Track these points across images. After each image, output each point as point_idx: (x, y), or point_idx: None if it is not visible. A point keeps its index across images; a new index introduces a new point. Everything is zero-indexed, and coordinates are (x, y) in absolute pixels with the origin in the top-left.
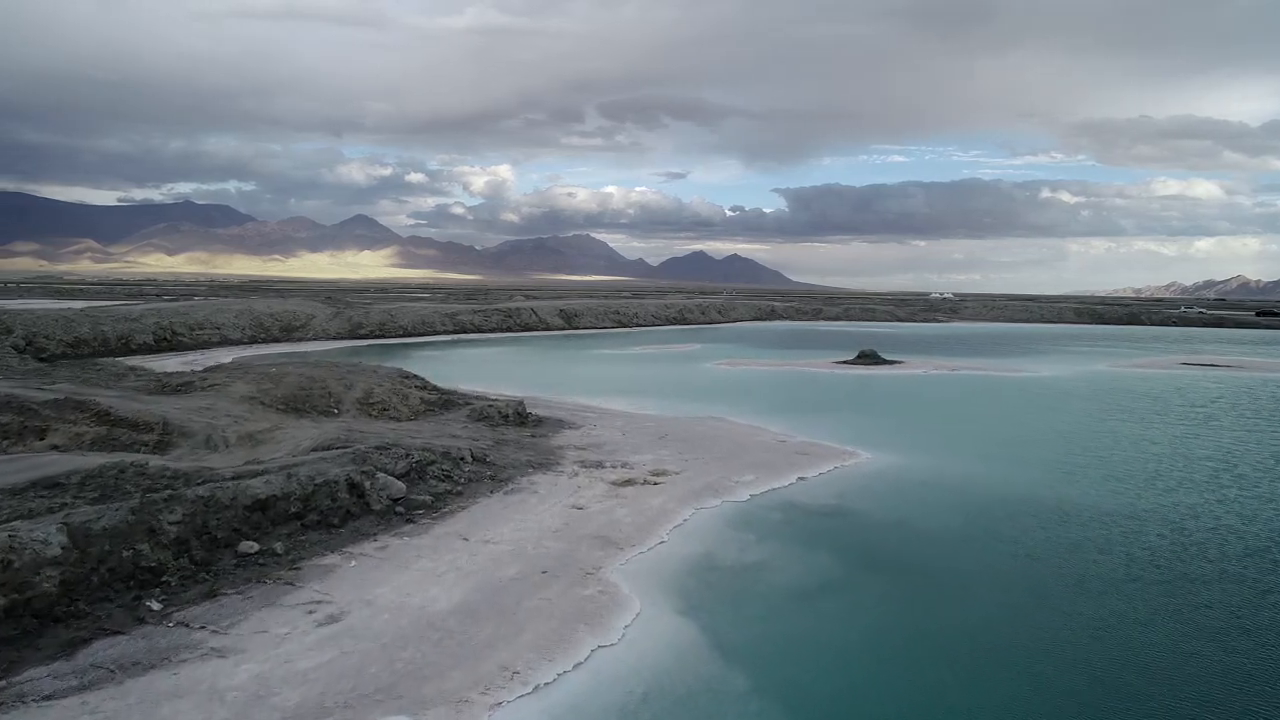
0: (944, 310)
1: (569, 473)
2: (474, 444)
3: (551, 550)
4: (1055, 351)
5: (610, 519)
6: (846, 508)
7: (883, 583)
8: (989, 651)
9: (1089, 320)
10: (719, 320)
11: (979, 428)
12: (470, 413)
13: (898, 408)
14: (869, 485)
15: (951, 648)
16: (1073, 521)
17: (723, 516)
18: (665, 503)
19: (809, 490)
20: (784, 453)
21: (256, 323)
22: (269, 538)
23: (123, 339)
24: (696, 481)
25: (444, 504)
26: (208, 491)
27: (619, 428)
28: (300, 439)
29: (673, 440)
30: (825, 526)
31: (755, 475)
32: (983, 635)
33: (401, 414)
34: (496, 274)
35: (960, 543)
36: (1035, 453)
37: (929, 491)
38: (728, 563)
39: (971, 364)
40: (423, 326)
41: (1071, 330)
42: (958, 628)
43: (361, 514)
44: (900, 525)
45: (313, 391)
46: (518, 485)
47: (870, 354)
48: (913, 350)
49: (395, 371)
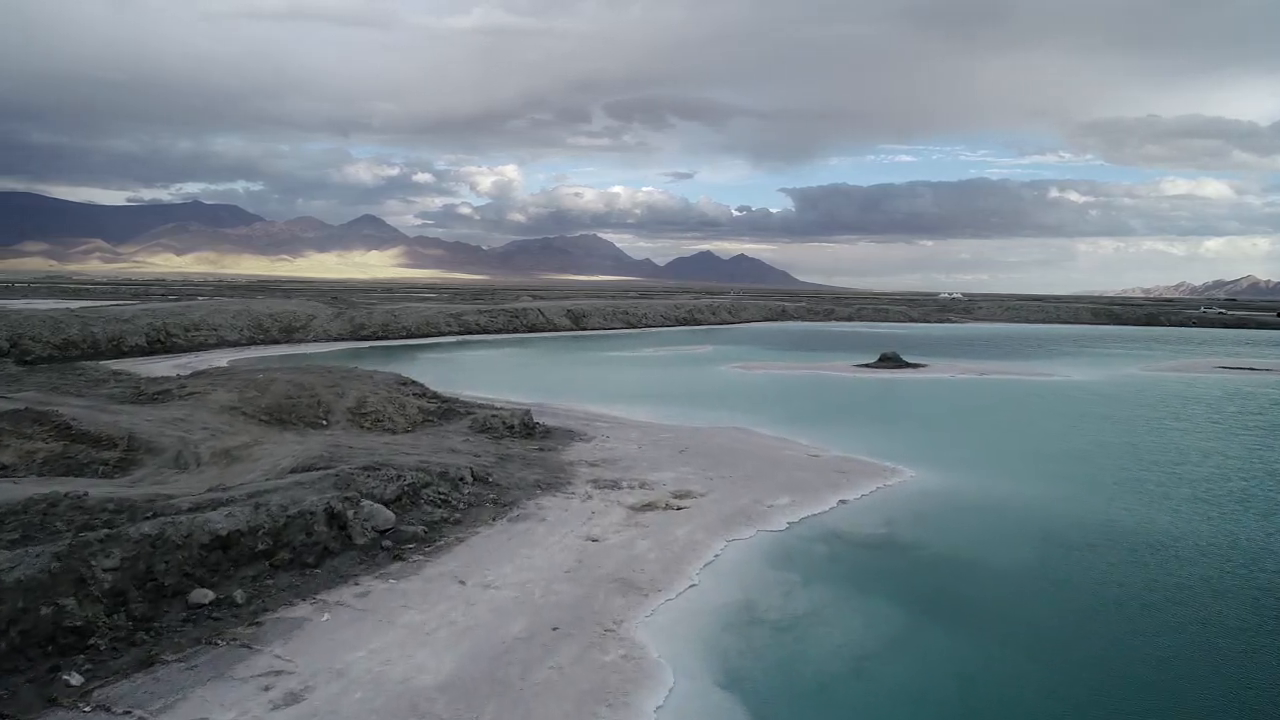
0: (957, 311)
1: (581, 495)
2: (475, 461)
3: (563, 597)
4: (1079, 353)
5: (630, 554)
6: (899, 539)
7: (957, 639)
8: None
9: (1106, 321)
10: (730, 321)
11: (1026, 440)
12: (472, 423)
13: (932, 417)
14: (919, 510)
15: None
16: (1171, 555)
17: (759, 550)
18: (692, 533)
19: (853, 516)
20: (819, 470)
21: (255, 324)
22: (229, 583)
23: (114, 341)
24: (726, 506)
25: (439, 535)
26: (156, 529)
27: (634, 440)
28: (280, 456)
29: (695, 455)
30: (879, 564)
31: (791, 498)
32: (1092, 711)
33: (397, 425)
34: (503, 274)
35: (1040, 584)
36: (1100, 469)
37: (989, 518)
38: (772, 614)
39: (997, 367)
40: (427, 327)
41: (1089, 331)
42: (1061, 696)
43: (342, 550)
44: (965, 562)
45: (300, 401)
46: (524, 510)
47: (892, 357)
48: (933, 352)
49: (392, 377)
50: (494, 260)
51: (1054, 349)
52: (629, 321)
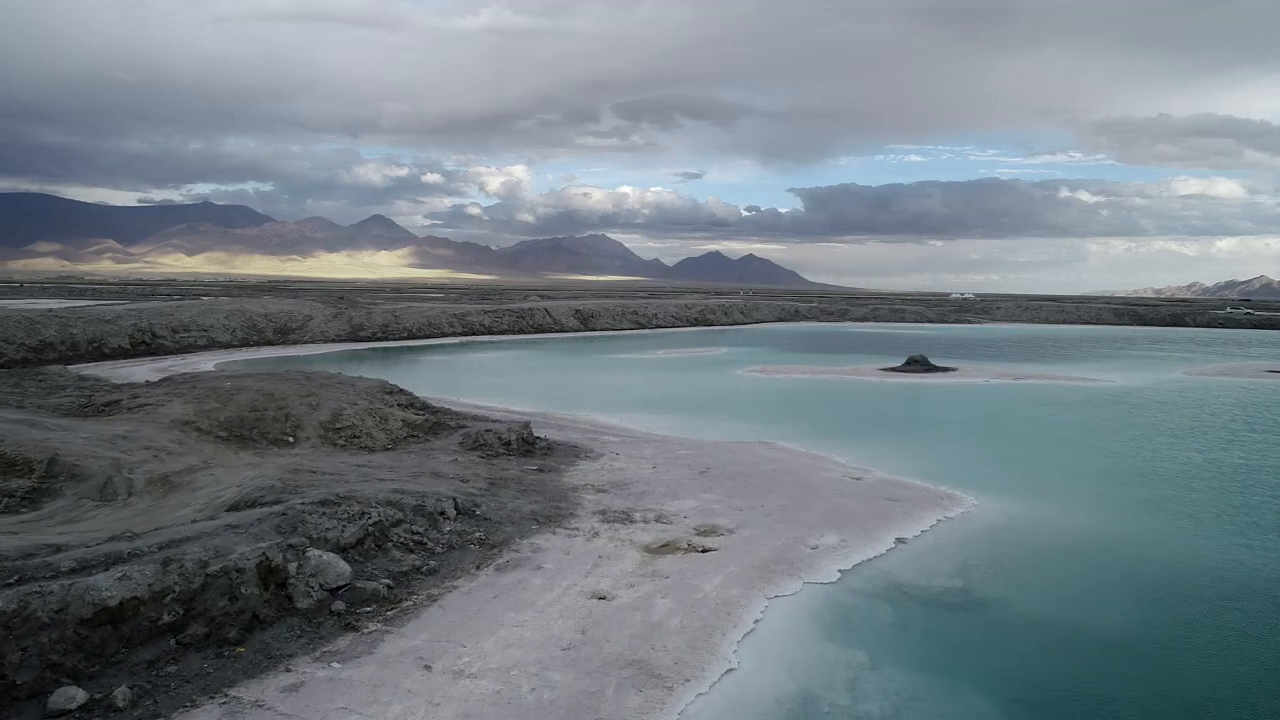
0: (975, 311)
1: (586, 531)
2: (461, 487)
3: (561, 693)
4: (1111, 356)
5: (648, 621)
6: (980, 596)
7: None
8: None
9: (1129, 321)
10: (742, 321)
11: (1090, 456)
12: (464, 439)
13: (976, 428)
14: (996, 554)
15: None
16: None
17: (810, 613)
18: (724, 587)
19: (918, 563)
20: (864, 496)
21: (249, 324)
22: (115, 673)
23: (94, 342)
24: (761, 546)
25: (407, 591)
26: (15, 602)
27: (648, 457)
28: (226, 486)
29: (718, 476)
30: (962, 634)
31: (838, 535)
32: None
33: (376, 442)
34: (512, 274)
35: (1182, 658)
36: (1193, 494)
37: (1084, 565)
38: (839, 716)
39: (1031, 371)
40: (429, 328)
41: (1114, 332)
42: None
43: (278, 617)
44: (1073, 630)
45: (266, 414)
46: (516, 554)
47: (920, 360)
48: (958, 354)
49: (377, 385)
50: (503, 260)
51: (1082, 351)
52: (638, 322)
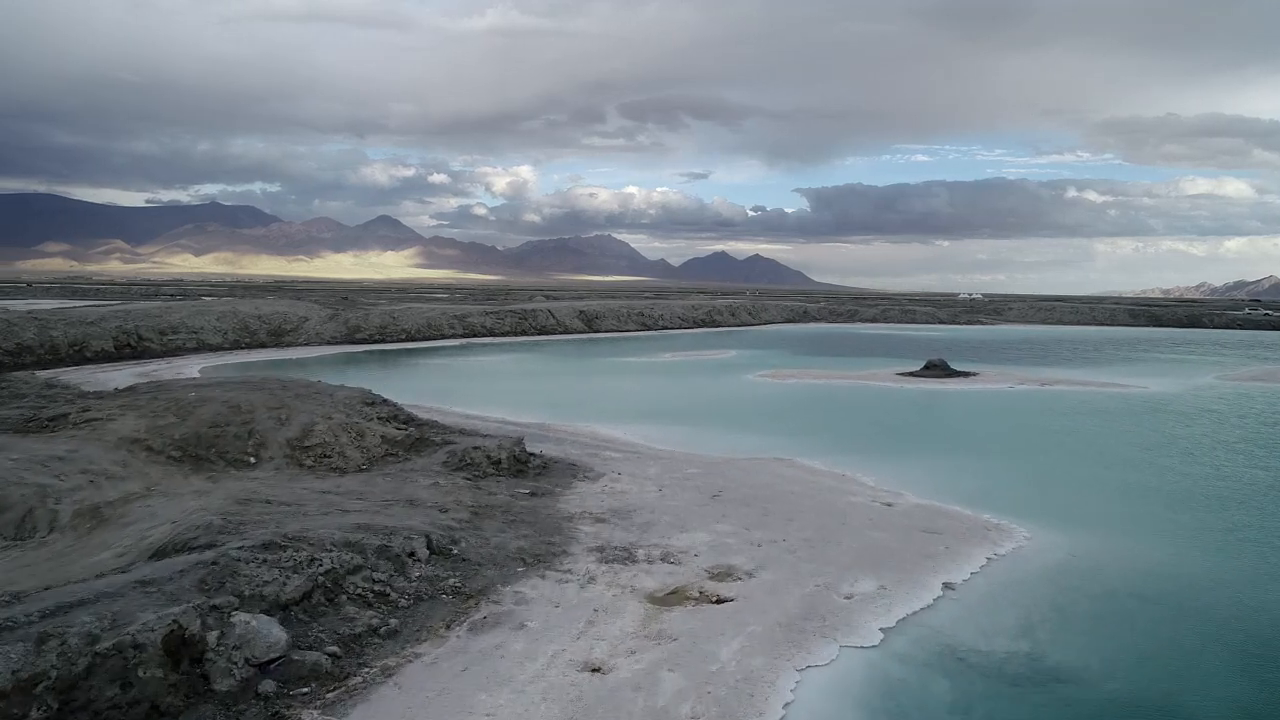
0: (987, 312)
1: (581, 574)
2: (438, 519)
3: None
4: (1137, 359)
5: (652, 707)
6: (1050, 662)
7: None
8: None
9: (1145, 323)
10: (750, 322)
11: (1144, 475)
12: (449, 457)
13: (1010, 441)
14: (1060, 603)
15: None
16: None
17: (851, 695)
18: (744, 654)
19: (972, 615)
20: (899, 527)
21: (241, 326)
22: None
23: (76, 345)
24: (786, 595)
25: (357, 663)
26: None
27: (653, 477)
28: (159, 521)
29: (731, 501)
30: (1037, 715)
31: (876, 580)
32: None
33: (349, 462)
34: (518, 274)
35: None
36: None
37: (1168, 616)
38: None
39: (1057, 376)
40: (429, 330)
41: (1131, 334)
42: None
43: (187, 706)
44: (1166, 712)
45: (227, 431)
46: (496, 607)
47: (940, 364)
48: (975, 358)
49: (358, 395)
50: (509, 261)
51: (1103, 354)
52: (644, 323)
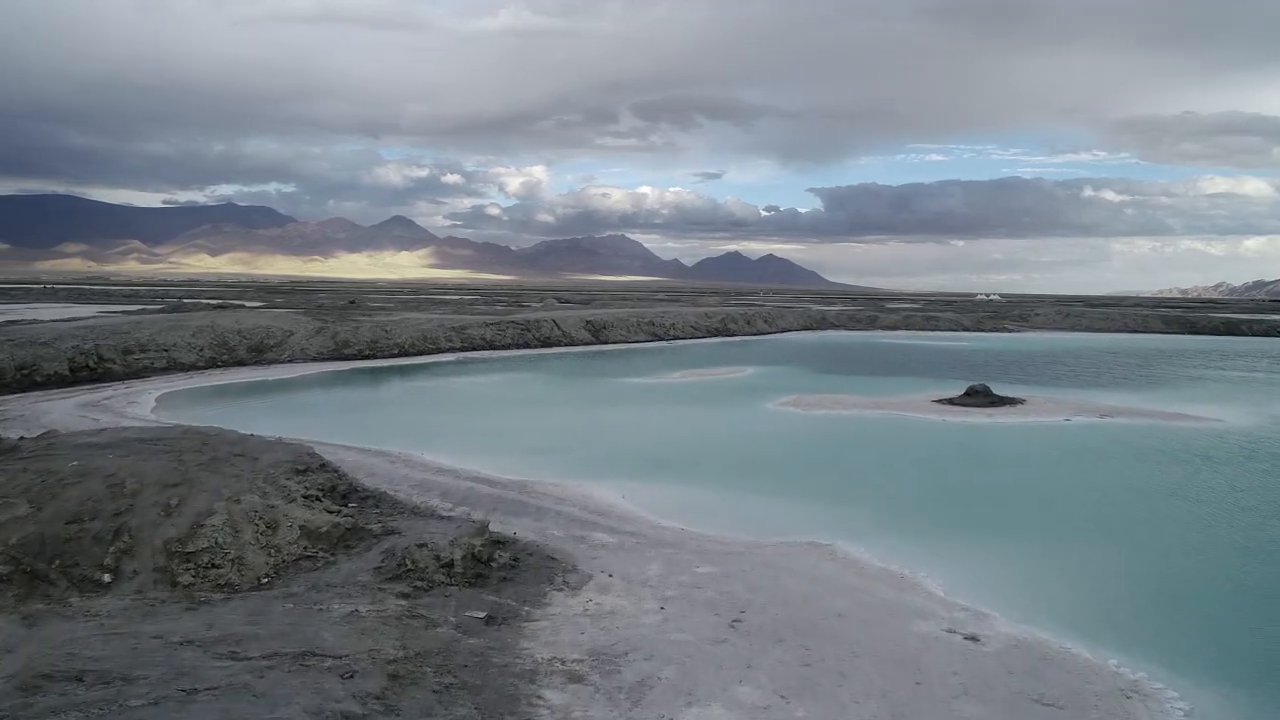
0: (1012, 318)
1: None
2: (336, 690)
3: None
4: (1190, 379)
5: None
6: None
7: None
8: None
9: (1180, 330)
10: (765, 330)
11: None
12: (384, 559)
13: (1099, 512)
14: None
15: None
16: None
17: None
18: None
19: None
20: (997, 689)
21: (219, 342)
22: None
23: (24, 369)
24: None
25: None
26: None
27: (653, 584)
28: None
29: (759, 635)
30: None
31: None
32: None
33: (245, 574)
34: (532, 274)
35: None
36: None
37: None
38: None
39: (1113, 403)
40: (424, 344)
41: (1168, 343)
42: None
43: None
44: None
45: (89, 528)
46: None
47: (982, 390)
48: (1015, 377)
49: (289, 461)
50: (522, 261)
51: (1150, 370)
52: (654, 333)
